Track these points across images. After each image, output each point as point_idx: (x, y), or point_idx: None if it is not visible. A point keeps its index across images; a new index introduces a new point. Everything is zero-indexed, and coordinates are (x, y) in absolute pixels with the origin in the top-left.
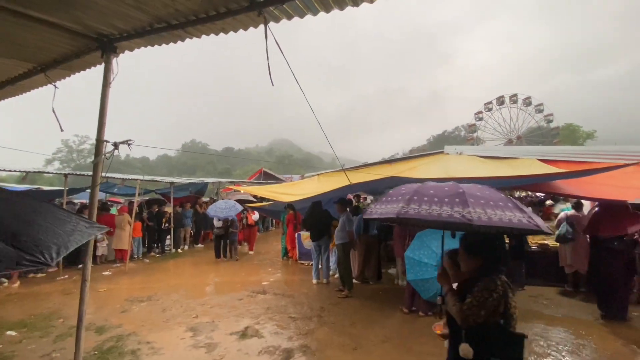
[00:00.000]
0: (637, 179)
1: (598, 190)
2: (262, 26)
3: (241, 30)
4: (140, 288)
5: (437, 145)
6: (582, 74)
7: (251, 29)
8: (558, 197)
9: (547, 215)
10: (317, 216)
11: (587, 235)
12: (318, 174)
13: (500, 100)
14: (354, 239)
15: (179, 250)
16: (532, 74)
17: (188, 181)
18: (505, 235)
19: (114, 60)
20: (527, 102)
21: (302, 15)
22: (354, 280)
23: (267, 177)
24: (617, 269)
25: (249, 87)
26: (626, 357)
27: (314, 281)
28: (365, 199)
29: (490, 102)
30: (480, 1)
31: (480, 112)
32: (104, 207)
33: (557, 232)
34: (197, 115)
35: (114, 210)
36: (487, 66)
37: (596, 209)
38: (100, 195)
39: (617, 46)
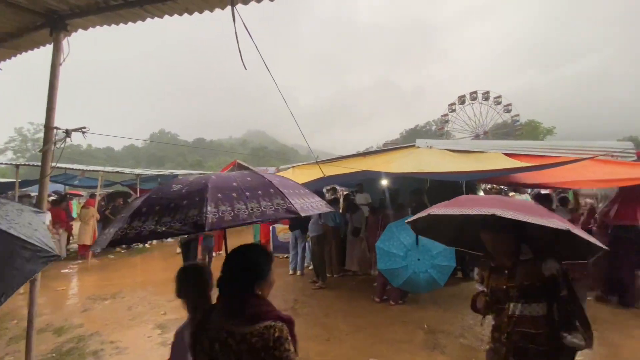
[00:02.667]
0: (591, 172)
1: (556, 182)
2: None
3: (211, 12)
4: (104, 285)
5: (409, 139)
6: (548, 71)
7: (225, 11)
8: (519, 187)
9: None
10: None
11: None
12: (293, 167)
13: (462, 100)
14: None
15: (147, 245)
16: (505, 70)
17: (156, 173)
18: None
19: (64, 40)
20: (486, 96)
21: None
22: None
23: (242, 170)
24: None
25: (224, 76)
26: None
27: (290, 272)
28: (333, 190)
29: (454, 103)
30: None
31: (446, 115)
32: (62, 199)
33: None
34: (167, 104)
35: (75, 203)
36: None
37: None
38: (59, 188)
39: (580, 45)
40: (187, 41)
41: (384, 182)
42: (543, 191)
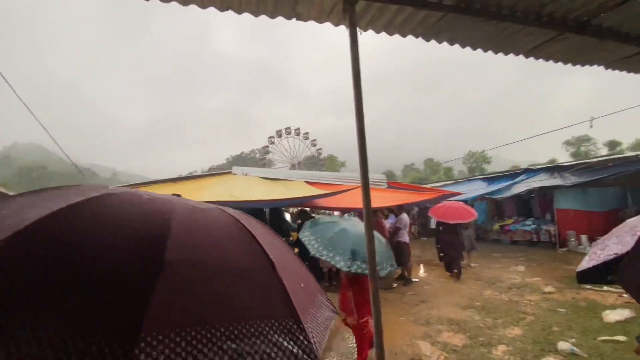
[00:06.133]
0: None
1: (343, 203)
2: None
3: None
4: None
5: (234, 165)
6: (343, 118)
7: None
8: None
9: None
10: None
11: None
12: None
13: (279, 134)
14: None
15: None
16: (317, 113)
17: None
18: None
19: None
20: (297, 132)
21: None
22: None
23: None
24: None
25: None
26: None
27: None
28: None
29: (272, 136)
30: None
31: (267, 146)
32: None
33: None
34: None
35: None
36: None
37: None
38: None
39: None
40: None
41: None
42: (336, 213)
